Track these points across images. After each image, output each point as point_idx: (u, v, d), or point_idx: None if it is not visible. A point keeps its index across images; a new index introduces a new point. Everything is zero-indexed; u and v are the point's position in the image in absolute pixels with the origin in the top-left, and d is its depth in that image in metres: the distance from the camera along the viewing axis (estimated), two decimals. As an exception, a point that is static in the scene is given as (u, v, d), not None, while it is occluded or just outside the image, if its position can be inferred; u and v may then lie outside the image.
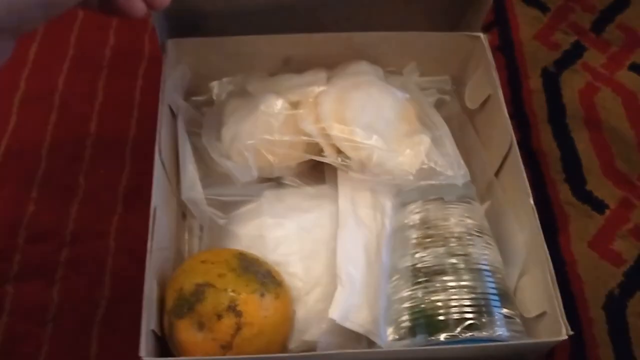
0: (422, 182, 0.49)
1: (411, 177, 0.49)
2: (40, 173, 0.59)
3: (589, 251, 0.57)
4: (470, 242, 0.48)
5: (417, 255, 0.48)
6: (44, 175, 0.59)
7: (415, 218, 0.50)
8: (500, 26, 0.73)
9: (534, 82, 0.68)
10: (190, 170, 0.49)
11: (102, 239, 0.56)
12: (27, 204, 0.57)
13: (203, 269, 0.43)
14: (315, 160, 0.51)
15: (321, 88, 0.52)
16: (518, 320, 0.45)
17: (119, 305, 0.53)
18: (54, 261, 0.55)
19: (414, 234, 0.49)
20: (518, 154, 0.49)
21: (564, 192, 0.61)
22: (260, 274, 0.44)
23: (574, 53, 0.70)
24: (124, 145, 0.61)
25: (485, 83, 0.54)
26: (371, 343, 0.46)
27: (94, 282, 0.54)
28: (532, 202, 0.46)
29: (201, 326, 0.41)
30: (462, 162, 0.51)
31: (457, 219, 0.49)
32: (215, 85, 0.57)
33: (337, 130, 0.49)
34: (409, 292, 0.47)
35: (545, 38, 0.72)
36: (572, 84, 0.68)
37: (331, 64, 0.56)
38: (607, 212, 0.59)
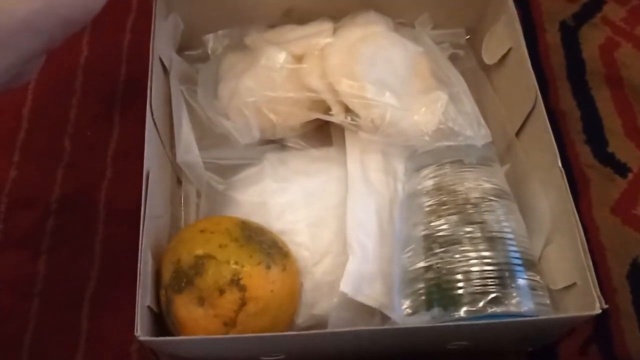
0: (439, 144, 0.45)
1: (427, 138, 0.45)
2: (22, 135, 0.55)
3: (612, 217, 0.54)
4: (489, 209, 0.45)
5: (431, 224, 0.45)
6: (27, 138, 0.55)
7: (430, 183, 0.46)
8: (514, -24, 0.68)
9: (552, 37, 0.64)
10: (185, 132, 0.45)
11: (91, 206, 0.52)
12: (8, 169, 0.53)
13: (202, 238, 0.39)
14: (320, 121, 0.47)
15: (327, 40, 0.47)
16: (544, 292, 0.42)
17: (111, 278, 0.49)
18: (40, 230, 0.51)
19: (428, 201, 0.46)
20: (544, 112, 0.45)
21: (584, 154, 0.57)
22: (265, 244, 0.40)
23: (593, 6, 0.66)
24: (112, 104, 0.56)
25: (506, 36, 0.50)
26: (384, 317, 0.42)
27: (83, 253, 0.50)
28: (560, 164, 0.43)
29: (201, 301, 0.38)
30: (482, 120, 0.47)
31: (475, 184, 0.46)
32: (210, 39, 0.52)
33: (345, 86, 0.45)
34: (424, 264, 0.44)
35: (563, -10, 0.67)
36: (591, 38, 0.63)
37: (336, 15, 0.51)
38: (630, 175, 0.56)
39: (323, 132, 0.49)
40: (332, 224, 0.44)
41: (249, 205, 0.45)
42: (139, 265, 0.38)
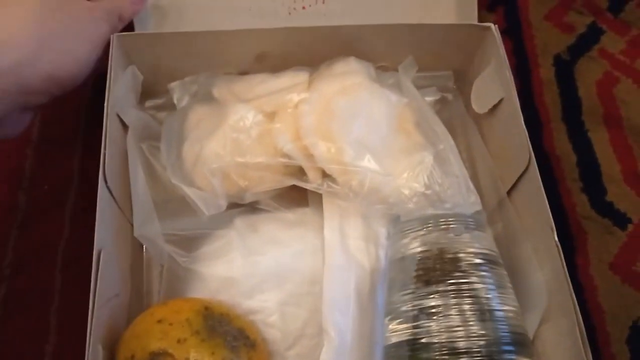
0: (424, 212, 0.41)
1: (411, 205, 0.41)
2: (-28, 190, 0.50)
3: (611, 274, 0.50)
4: (480, 279, 0.41)
5: (417, 294, 0.41)
6: (-23, 192, 0.50)
7: (416, 249, 0.42)
8: (506, 4, 0.63)
9: (545, 72, 0.60)
10: (143, 202, 0.40)
11: (47, 270, 0.47)
12: (-44, 229, 0.49)
13: (159, 331, 0.35)
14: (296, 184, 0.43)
15: (301, 95, 0.43)
16: (538, 377, 0.38)
17: (68, 353, 0.45)
18: (-9, 299, 0.47)
19: (413, 268, 0.42)
20: (538, 175, 0.41)
21: (581, 204, 0.53)
22: (230, 336, 0.36)
23: (590, 37, 0.62)
24: (71, 153, 0.52)
25: (497, 84, 0.46)
26: (364, 405, 0.39)
27: (38, 324, 0.46)
28: (556, 237, 0.39)
29: (157, 405, 0.34)
30: (471, 185, 0.43)
31: (465, 251, 0.42)
32: (175, 87, 0.47)
33: (322, 149, 0.41)
34: (408, 338, 0.40)
35: (558, 19, 0.63)
36: (588, 73, 0.59)
37: (313, 60, 0.47)
38: (630, 226, 0.52)
39: (298, 192, 0.45)
40: (307, 302, 0.40)
41: (216, 281, 0.40)
42: (86, 364, 0.34)
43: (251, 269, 0.41)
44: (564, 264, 0.38)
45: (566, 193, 0.54)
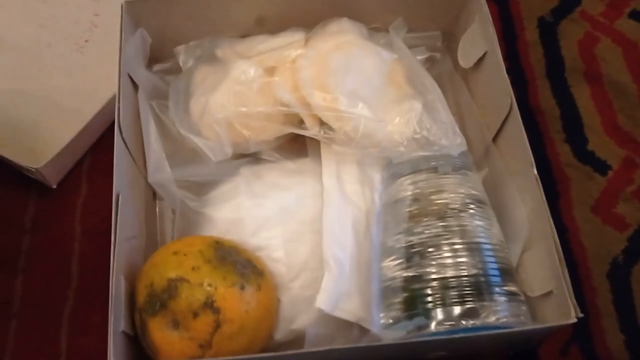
0: (414, 154, 0.45)
1: (402, 149, 0.44)
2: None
3: (592, 216, 0.54)
4: (468, 216, 0.44)
5: (410, 232, 0.44)
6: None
7: (408, 192, 0.46)
8: (491, -29, 0.67)
9: (530, 34, 0.63)
10: (155, 150, 0.44)
11: (66, 222, 0.51)
12: (-19, 188, 0.53)
13: (175, 261, 0.39)
14: (295, 132, 0.46)
15: (299, 51, 0.46)
16: (522, 301, 0.42)
17: (89, 296, 0.49)
18: (15, 249, 0.50)
19: (406, 209, 0.45)
20: (519, 118, 0.44)
21: (564, 154, 0.56)
22: (239, 264, 0.39)
23: (572, 0, 0.65)
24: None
25: (481, 39, 0.49)
26: (363, 329, 0.42)
27: (60, 272, 0.49)
28: (535, 172, 0.42)
29: (176, 324, 0.38)
30: (457, 129, 0.46)
31: (453, 192, 0.45)
32: (181, 50, 0.51)
33: (318, 99, 0.44)
34: (403, 273, 0.43)
35: (541, -16, 0.66)
36: (570, 34, 0.63)
37: (309, 23, 0.50)
38: (610, 173, 0.56)
39: (298, 143, 0.49)
40: (309, 239, 0.44)
41: (224, 222, 0.44)
42: (110, 290, 0.37)
43: (257, 211, 0.44)
44: (543, 194, 0.41)
45: (550, 144, 0.57)
